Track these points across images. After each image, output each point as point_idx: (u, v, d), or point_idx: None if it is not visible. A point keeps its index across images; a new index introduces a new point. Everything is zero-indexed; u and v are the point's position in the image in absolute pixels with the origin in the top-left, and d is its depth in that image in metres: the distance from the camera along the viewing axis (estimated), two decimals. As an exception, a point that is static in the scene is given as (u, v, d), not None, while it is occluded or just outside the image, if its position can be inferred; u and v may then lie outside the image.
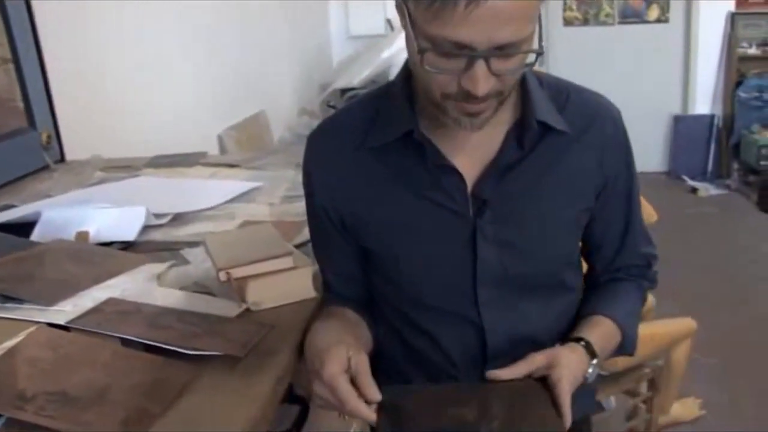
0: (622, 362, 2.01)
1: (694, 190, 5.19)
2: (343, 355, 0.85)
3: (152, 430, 0.76)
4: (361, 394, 0.83)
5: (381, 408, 0.85)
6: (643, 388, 2.31)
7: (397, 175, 0.95)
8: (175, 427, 0.77)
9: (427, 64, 0.81)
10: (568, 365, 0.91)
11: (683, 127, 5.43)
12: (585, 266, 1.11)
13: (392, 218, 0.96)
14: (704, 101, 5.38)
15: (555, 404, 0.88)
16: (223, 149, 2.95)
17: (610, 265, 1.08)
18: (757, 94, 5.09)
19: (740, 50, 5.15)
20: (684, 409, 2.52)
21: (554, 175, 0.95)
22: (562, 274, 1.02)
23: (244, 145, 3.08)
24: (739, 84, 5.18)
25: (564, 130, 0.94)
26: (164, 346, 0.89)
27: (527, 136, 0.93)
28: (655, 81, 5.42)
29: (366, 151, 0.96)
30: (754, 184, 4.94)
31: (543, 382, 0.91)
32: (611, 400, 2.53)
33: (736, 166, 5.23)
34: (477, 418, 0.86)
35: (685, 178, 5.38)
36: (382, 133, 0.95)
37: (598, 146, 0.97)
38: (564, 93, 0.97)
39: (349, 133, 0.97)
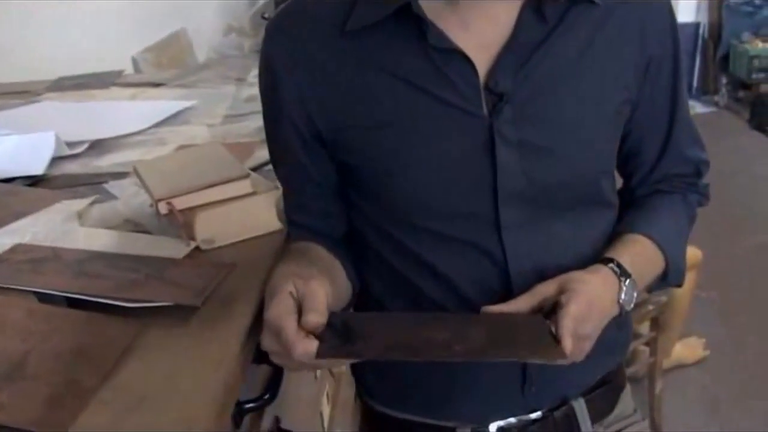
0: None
1: (678, 108, 5.24)
2: (287, 291, 0.78)
3: (87, 409, 0.70)
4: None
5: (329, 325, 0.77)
6: (645, 328, 2.30)
7: (388, 66, 0.87)
8: (117, 403, 0.71)
9: None
10: (585, 291, 0.84)
11: (665, 37, 5.42)
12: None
13: (384, 121, 0.88)
14: (687, 7, 5.38)
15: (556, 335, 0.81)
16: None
17: (649, 175, 1.02)
18: (747, -1, 5.13)
19: (728, -53, 5.17)
20: (687, 350, 2.57)
21: (587, 57, 0.89)
22: (600, 183, 0.96)
23: (164, 68, 2.99)
24: (727, -13, 5.21)
25: None
26: (95, 299, 0.84)
27: (549, 5, 0.87)
28: (632, -15, 5.40)
29: (347, 37, 0.87)
30: (745, 100, 5.04)
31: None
32: (607, 344, 2.54)
33: (724, 80, 5.33)
34: (446, 341, 0.78)
35: (668, 95, 5.43)
36: (368, 10, 0.86)
37: (638, 19, 0.91)
38: None
39: (323, 15, 0.89)
